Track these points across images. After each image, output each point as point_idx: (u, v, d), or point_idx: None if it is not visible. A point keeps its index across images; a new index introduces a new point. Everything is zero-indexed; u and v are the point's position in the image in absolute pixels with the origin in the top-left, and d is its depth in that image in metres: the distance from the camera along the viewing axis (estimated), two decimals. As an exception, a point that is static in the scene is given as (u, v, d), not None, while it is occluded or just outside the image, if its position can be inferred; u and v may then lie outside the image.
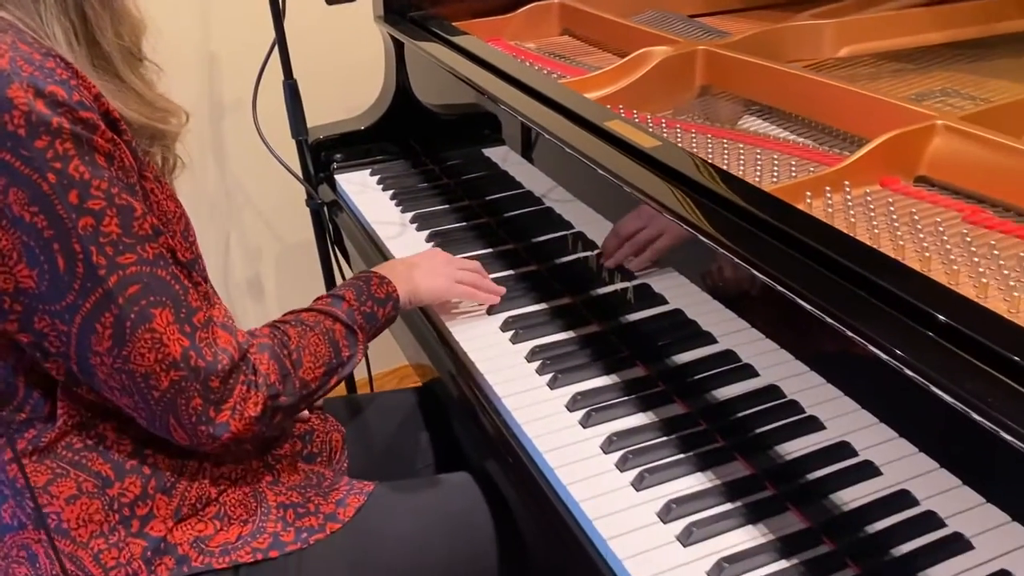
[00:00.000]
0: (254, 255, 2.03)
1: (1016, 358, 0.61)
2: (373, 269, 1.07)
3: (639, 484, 0.84)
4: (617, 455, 0.88)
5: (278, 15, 1.41)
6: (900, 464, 0.72)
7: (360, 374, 1.79)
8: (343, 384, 1.75)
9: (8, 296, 0.76)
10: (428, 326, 1.17)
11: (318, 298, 1.00)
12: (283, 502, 0.95)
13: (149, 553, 0.86)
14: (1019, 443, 0.57)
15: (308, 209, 1.59)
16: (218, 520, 0.90)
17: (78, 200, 0.74)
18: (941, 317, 0.66)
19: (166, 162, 0.90)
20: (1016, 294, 0.75)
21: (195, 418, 0.81)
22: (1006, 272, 0.79)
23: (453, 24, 1.49)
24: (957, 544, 0.68)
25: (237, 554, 0.89)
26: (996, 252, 0.82)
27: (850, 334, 0.69)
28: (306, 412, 1.13)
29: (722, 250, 0.81)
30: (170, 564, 0.87)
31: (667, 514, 0.80)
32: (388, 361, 2.14)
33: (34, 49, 0.74)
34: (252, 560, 0.90)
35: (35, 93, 0.71)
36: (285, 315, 0.96)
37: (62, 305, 0.76)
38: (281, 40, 1.44)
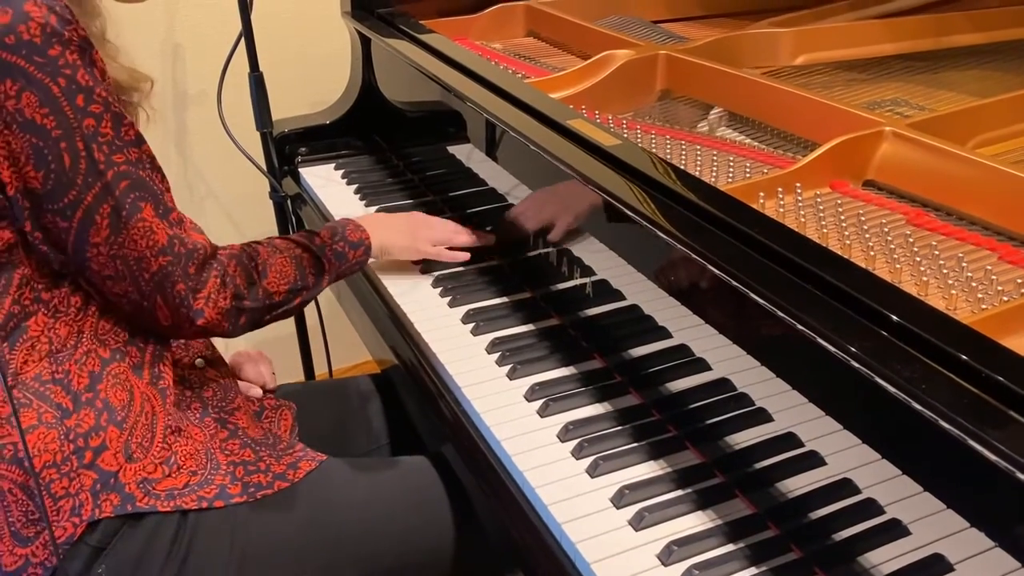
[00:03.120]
0: (215, 248, 2.02)
1: (952, 350, 0.64)
2: (352, 218, 1.15)
3: (593, 471, 0.86)
4: (573, 443, 0.90)
5: (245, 7, 1.42)
6: (844, 455, 0.75)
7: (320, 367, 1.80)
8: (301, 371, 1.76)
9: (20, 194, 0.84)
10: (389, 315, 1.18)
11: (297, 232, 1.09)
12: (234, 460, 0.97)
13: (98, 486, 0.88)
14: (952, 428, 0.60)
15: (271, 202, 1.59)
16: (166, 466, 0.92)
17: (83, 103, 0.83)
18: (885, 311, 0.69)
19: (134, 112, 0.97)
20: (954, 292, 0.79)
21: (178, 300, 0.91)
22: (945, 272, 0.82)
23: (420, 22, 1.50)
24: (896, 530, 0.71)
25: (183, 499, 0.91)
26: (936, 253, 0.86)
27: (798, 327, 0.71)
28: (258, 390, 1.15)
29: (677, 244, 0.84)
30: (115, 501, 0.89)
31: (620, 500, 0.83)
32: (350, 356, 2.14)
33: None
34: (197, 507, 0.91)
35: (48, 10, 0.80)
36: (259, 240, 1.04)
37: (64, 202, 0.84)
38: (248, 32, 1.45)
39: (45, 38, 0.79)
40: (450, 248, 1.24)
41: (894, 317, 0.68)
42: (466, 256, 1.24)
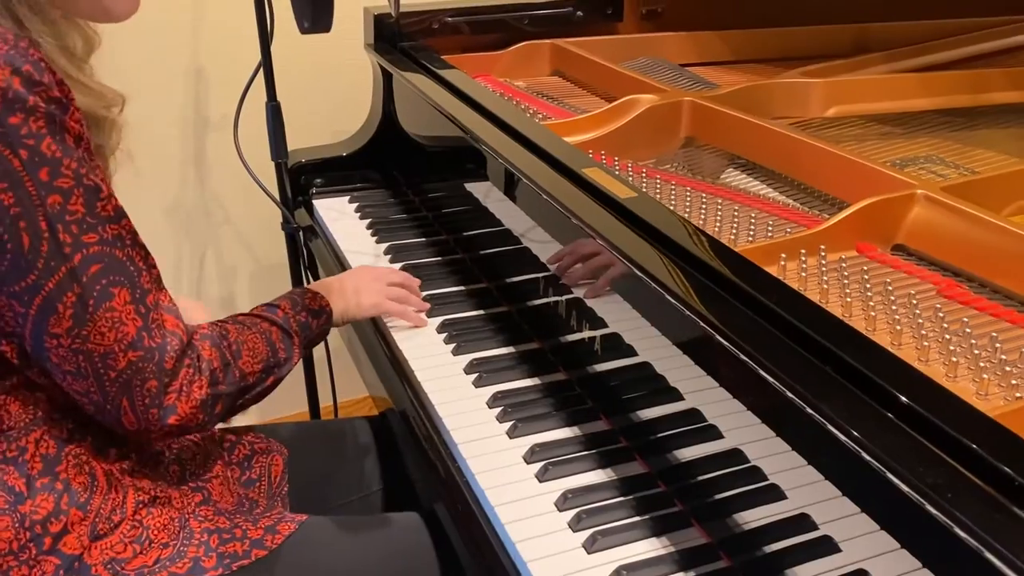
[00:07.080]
0: (229, 273, 2.00)
1: (978, 449, 0.59)
2: (307, 286, 1.10)
3: (591, 546, 0.81)
4: (571, 513, 0.85)
5: (265, 35, 1.40)
6: (861, 541, 0.70)
7: (325, 401, 1.76)
8: (306, 401, 1.72)
9: None
10: (389, 358, 1.14)
11: (255, 307, 1.02)
12: (208, 528, 0.92)
13: (62, 572, 0.83)
14: (975, 543, 0.55)
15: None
16: (138, 544, 0.87)
17: (48, 177, 0.74)
18: (912, 403, 0.64)
19: (103, 154, 0.88)
20: (985, 377, 0.74)
21: (148, 400, 0.80)
22: (977, 352, 0.77)
23: (443, 57, 1.48)
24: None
25: None
26: (968, 330, 0.80)
27: (809, 410, 0.67)
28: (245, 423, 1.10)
29: (688, 312, 0.79)
30: None
31: (617, 581, 0.78)
32: (356, 389, 2.10)
33: (6, 29, 0.74)
34: None
35: (12, 71, 0.71)
36: (223, 318, 0.97)
37: (21, 286, 0.75)
38: (267, 62, 1.43)
39: (6, 105, 0.71)
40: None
41: (923, 412, 0.63)
42: (425, 322, 1.19)
